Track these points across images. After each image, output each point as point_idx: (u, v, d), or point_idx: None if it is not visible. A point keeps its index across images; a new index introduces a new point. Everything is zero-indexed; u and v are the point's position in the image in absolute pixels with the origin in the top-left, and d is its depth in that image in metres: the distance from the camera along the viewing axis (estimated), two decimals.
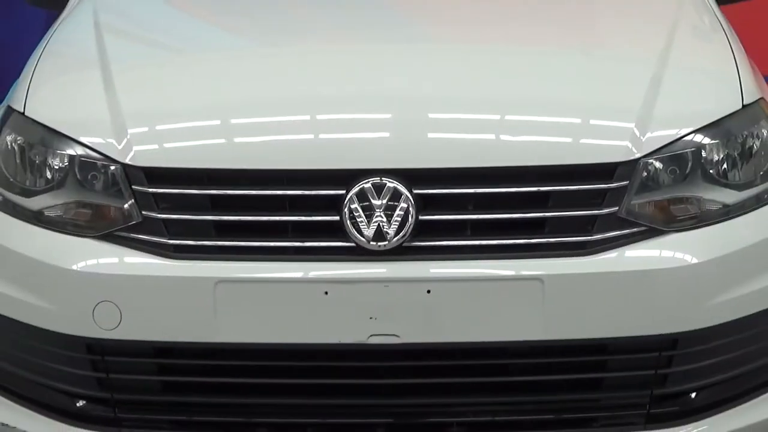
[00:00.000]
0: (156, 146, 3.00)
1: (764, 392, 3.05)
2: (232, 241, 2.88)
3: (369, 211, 2.81)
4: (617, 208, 2.89)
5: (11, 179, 3.08)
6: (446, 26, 3.71)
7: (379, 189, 2.83)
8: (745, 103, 3.13)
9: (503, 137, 3.06)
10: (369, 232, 2.81)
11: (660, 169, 2.95)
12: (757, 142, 3.08)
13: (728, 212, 2.98)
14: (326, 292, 2.82)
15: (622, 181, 2.90)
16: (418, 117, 3.07)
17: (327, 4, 3.83)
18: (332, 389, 2.92)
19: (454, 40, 3.59)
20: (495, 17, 3.76)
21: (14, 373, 3.07)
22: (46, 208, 3.01)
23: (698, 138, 3.00)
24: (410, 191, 2.82)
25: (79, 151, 3.01)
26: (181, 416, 2.96)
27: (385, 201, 2.82)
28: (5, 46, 7.08)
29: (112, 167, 2.96)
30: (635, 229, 2.90)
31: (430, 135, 3.05)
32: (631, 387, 2.93)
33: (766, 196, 3.04)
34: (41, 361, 3.00)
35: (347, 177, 2.85)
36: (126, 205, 2.93)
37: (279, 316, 2.84)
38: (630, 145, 2.93)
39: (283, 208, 2.89)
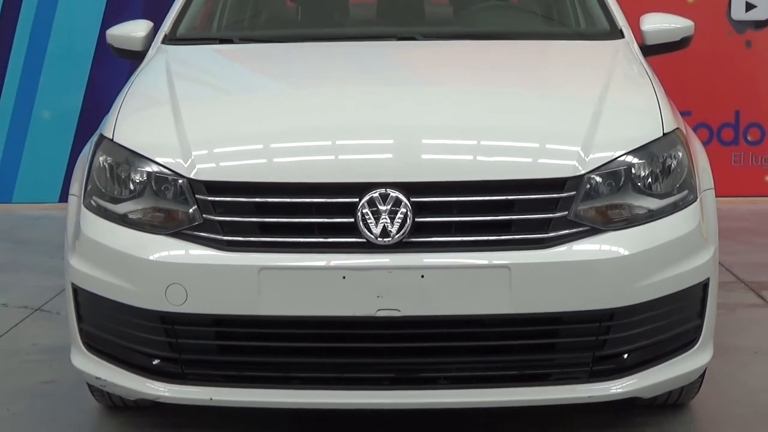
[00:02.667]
0: (214, 165, 3.00)
1: (677, 355, 3.02)
2: (272, 237, 2.87)
3: (377, 214, 2.81)
4: (567, 212, 2.87)
5: (103, 190, 3.07)
6: (434, 73, 3.71)
7: (384, 197, 2.82)
8: (665, 131, 3.11)
9: (479, 157, 3.05)
10: (377, 230, 2.81)
11: (600, 183, 2.93)
12: (674, 162, 3.06)
13: (652, 216, 2.96)
14: (344, 277, 2.81)
15: (571, 191, 2.89)
16: (414, 142, 3.05)
17: (344, 58, 3.81)
18: (348, 351, 2.91)
19: (440, 83, 3.59)
20: (472, 66, 3.74)
21: (106, 339, 3.06)
22: (130, 212, 3.00)
23: (629, 159, 2.99)
24: (408, 199, 2.81)
25: (155, 168, 3.00)
26: (232, 372, 2.93)
27: (389, 207, 2.81)
28: (101, 87, 7.07)
29: (180, 181, 2.94)
30: (581, 229, 2.88)
31: (423, 156, 3.05)
32: (578, 350, 2.91)
33: (681, 203, 3.02)
34: (126, 329, 2.99)
35: (360, 188, 2.84)
36: (190, 210, 2.91)
37: (308, 294, 2.83)
38: (577, 164, 2.92)
39: (311, 212, 2.88)
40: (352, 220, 2.83)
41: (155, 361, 2.96)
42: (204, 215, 2.90)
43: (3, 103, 7.25)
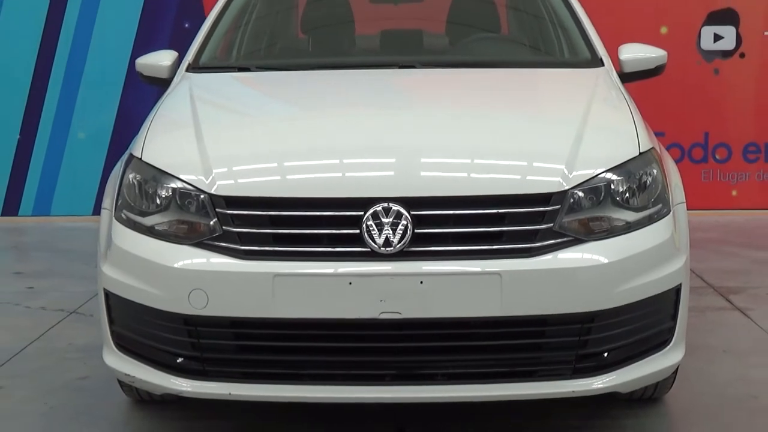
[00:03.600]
0: (232, 181, 2.99)
1: (652, 353, 3.01)
2: (285, 247, 2.86)
3: (380, 226, 2.80)
4: (553, 224, 2.86)
5: (132, 204, 3.06)
6: (432, 98, 3.71)
7: (386, 211, 2.81)
8: (641, 151, 3.10)
9: (473, 174, 3.04)
10: (380, 241, 2.80)
11: (582, 197, 2.92)
12: (650, 179, 3.05)
13: (629, 227, 2.95)
14: (350, 283, 2.80)
15: (556, 205, 2.88)
16: (413, 161, 3.04)
17: (350, 84, 3.80)
18: (353, 350, 2.90)
19: (437, 107, 3.57)
20: (466, 91, 3.73)
21: (134, 340, 3.06)
22: (156, 224, 3.00)
23: (608, 175, 2.98)
24: (408, 212, 2.81)
25: (179, 185, 2.99)
26: (249, 369, 2.92)
27: (391, 219, 2.80)
28: (131, 110, 7.08)
29: (202, 196, 2.94)
30: (565, 239, 2.87)
31: (422, 173, 3.04)
32: (562, 349, 2.90)
33: (655, 216, 3.01)
34: (152, 330, 2.98)
35: (364, 203, 2.83)
36: (211, 222, 2.91)
37: (317, 298, 2.82)
38: (561, 180, 2.91)
39: (320, 224, 2.87)
40: (358, 231, 2.82)
41: (179, 360, 2.95)
42: (223, 227, 2.89)
43: (42, 125, 7.26)
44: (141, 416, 3.54)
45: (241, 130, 3.42)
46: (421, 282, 2.80)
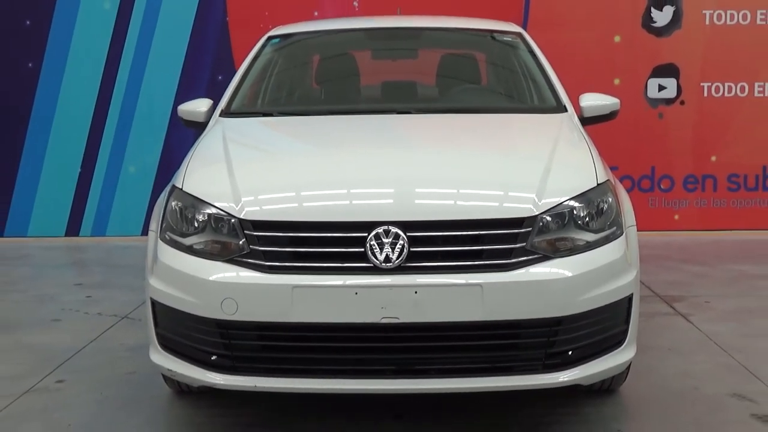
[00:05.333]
0: (258, 208, 2.97)
1: (609, 352, 3.00)
2: (302, 263, 2.86)
3: (381, 245, 2.80)
4: (525, 243, 2.86)
5: (174, 227, 3.06)
6: (424, 138, 3.70)
7: (387, 233, 2.81)
8: (598, 182, 3.10)
9: (458, 202, 3.04)
10: (381, 257, 2.80)
11: (549, 221, 2.92)
12: (606, 205, 3.05)
13: (589, 246, 2.95)
14: (356, 293, 2.80)
15: (528, 228, 2.87)
16: (409, 191, 3.04)
17: (356, 127, 3.79)
18: (359, 349, 2.89)
19: (429, 146, 3.57)
20: (452, 133, 3.72)
21: (176, 340, 3.05)
22: (194, 244, 3.00)
23: (572, 203, 2.98)
24: (405, 234, 2.81)
25: (213, 211, 2.99)
26: (271, 365, 2.91)
27: (390, 240, 2.80)
28: (173, 149, 7.10)
29: (233, 220, 2.93)
30: (535, 256, 2.86)
31: (416, 201, 3.03)
32: (533, 348, 2.89)
33: (611, 236, 3.01)
34: (191, 333, 2.97)
35: (368, 226, 2.83)
36: (240, 242, 2.90)
37: (329, 306, 2.82)
38: (532, 207, 2.91)
39: (331, 244, 2.86)
40: (363, 249, 2.81)
41: (213, 357, 2.94)
42: (250, 246, 2.88)
43: (100, 160, 7.27)
44: (180, 405, 3.52)
45: (265, 165, 3.42)
46: (416, 292, 2.79)
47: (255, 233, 2.89)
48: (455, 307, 2.81)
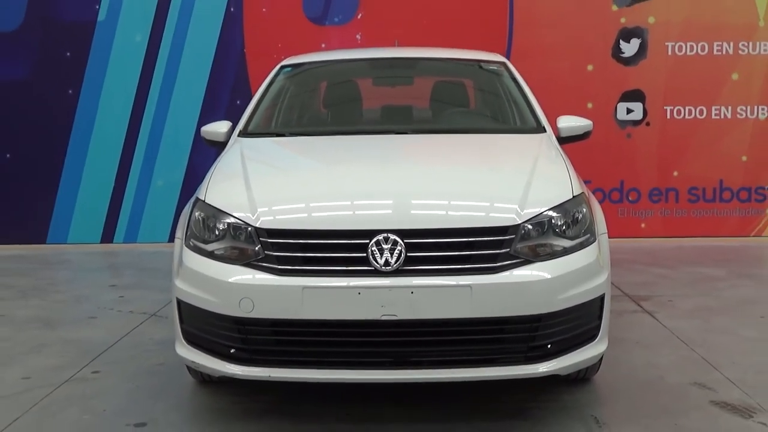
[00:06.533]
0: (272, 217, 2.96)
1: (583, 345, 3.00)
2: (311, 266, 2.85)
3: (381, 251, 2.80)
4: (509, 249, 2.85)
5: (197, 234, 3.06)
6: (419, 155, 3.68)
7: (386, 240, 2.81)
8: (574, 194, 3.10)
9: (449, 212, 3.03)
10: (381, 261, 2.79)
11: (531, 229, 2.91)
12: (580, 215, 3.05)
13: (566, 251, 2.95)
14: (359, 293, 2.79)
15: (512, 235, 2.87)
16: (406, 202, 3.03)
17: (359, 146, 3.78)
18: (361, 343, 2.87)
19: (424, 162, 3.56)
20: (445, 151, 3.71)
21: (199, 335, 3.04)
22: (215, 249, 2.99)
23: (550, 213, 2.97)
24: (402, 241, 2.80)
25: (232, 220, 2.99)
26: (284, 357, 2.90)
27: (389, 246, 2.80)
28: (196, 165, 7.10)
29: (249, 228, 2.93)
30: (518, 260, 2.86)
31: (412, 212, 3.01)
32: (517, 342, 2.88)
33: (585, 243, 3.00)
34: (212, 328, 2.97)
35: (370, 233, 2.83)
36: (256, 248, 2.90)
37: (335, 304, 2.81)
38: (515, 216, 2.91)
39: (337, 249, 2.86)
40: (365, 254, 2.81)
41: (232, 350, 2.93)
42: (265, 252, 2.88)
43: (131, 175, 7.27)
44: (203, 392, 3.51)
45: (278, 180, 3.42)
46: (412, 292, 2.78)
47: (269, 240, 2.88)
48: (447, 306, 2.80)
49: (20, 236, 7.30)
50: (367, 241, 2.82)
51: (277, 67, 4.62)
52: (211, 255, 2.98)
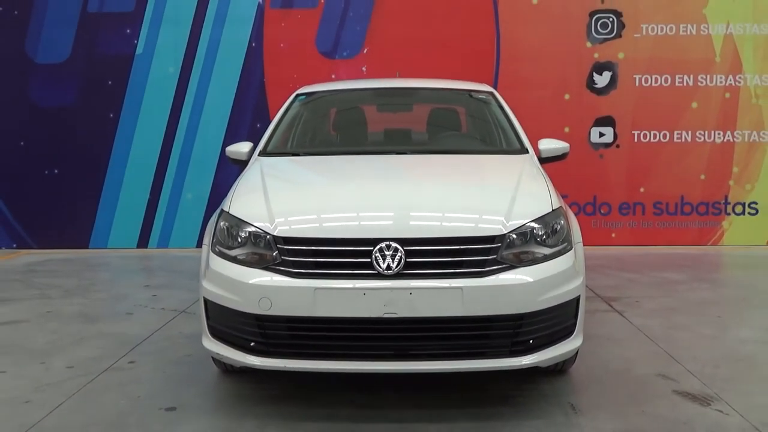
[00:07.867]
0: (288, 227, 2.96)
1: (561, 340, 2.99)
2: (322, 270, 2.85)
3: (383, 257, 2.80)
4: (496, 256, 2.85)
5: (222, 241, 3.06)
6: (417, 172, 3.66)
7: (388, 247, 2.81)
8: (553, 208, 3.10)
9: (444, 223, 3.02)
10: (383, 266, 2.80)
11: (515, 238, 2.91)
12: (559, 226, 3.05)
13: (546, 258, 2.94)
14: (364, 293, 2.79)
15: (498, 243, 2.87)
16: (406, 215, 3.02)
17: (364, 164, 3.78)
18: (366, 338, 2.87)
19: (421, 178, 3.54)
20: (439, 169, 3.71)
21: (223, 330, 3.03)
22: (238, 255, 2.99)
23: (532, 224, 2.97)
24: (402, 248, 2.81)
25: (253, 229, 2.99)
26: (298, 350, 2.90)
27: (391, 252, 2.80)
28: (222, 181, 7.11)
29: (268, 236, 2.93)
30: (504, 266, 2.86)
31: (411, 223, 3.00)
32: (502, 337, 2.87)
33: (563, 250, 3.00)
34: (235, 324, 2.96)
35: (374, 241, 2.83)
36: (274, 254, 2.90)
37: (343, 303, 2.80)
38: (502, 227, 2.91)
39: (345, 255, 2.85)
40: (369, 260, 2.81)
41: (252, 344, 2.93)
42: (282, 257, 2.88)
43: (164, 188, 7.28)
44: (226, 380, 3.50)
45: (294, 194, 3.42)
46: (411, 293, 2.78)
47: (285, 247, 2.89)
48: (441, 305, 2.79)
49: (66, 241, 7.32)
50: (371, 248, 2.82)
51: (293, 95, 4.63)
52: (234, 259, 2.99)
